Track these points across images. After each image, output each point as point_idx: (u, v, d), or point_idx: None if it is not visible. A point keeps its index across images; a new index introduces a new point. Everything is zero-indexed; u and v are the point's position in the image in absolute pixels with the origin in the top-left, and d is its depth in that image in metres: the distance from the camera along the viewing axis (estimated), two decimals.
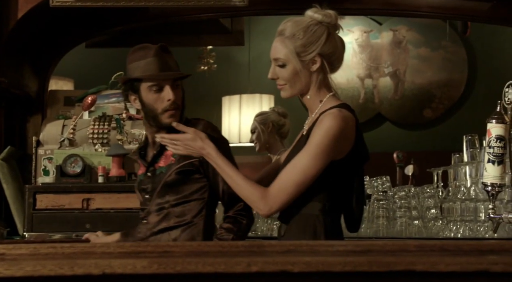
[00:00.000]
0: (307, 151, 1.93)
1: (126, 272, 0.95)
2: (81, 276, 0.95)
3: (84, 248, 1.03)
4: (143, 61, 2.28)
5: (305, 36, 2.00)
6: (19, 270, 0.95)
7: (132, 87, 2.32)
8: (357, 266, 0.91)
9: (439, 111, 7.32)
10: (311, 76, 2.02)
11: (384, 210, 2.59)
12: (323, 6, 2.10)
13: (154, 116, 2.29)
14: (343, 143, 1.95)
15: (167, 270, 0.96)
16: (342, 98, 7.77)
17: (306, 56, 2.00)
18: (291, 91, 2.04)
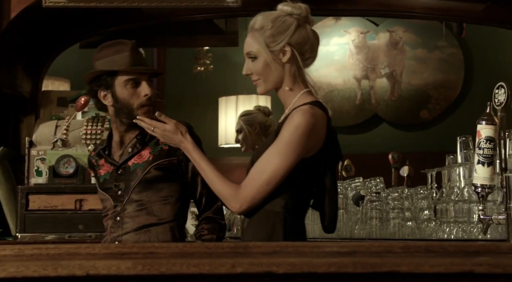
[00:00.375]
0: (276, 148, 1.91)
1: (110, 273, 0.95)
2: (65, 277, 0.95)
3: (69, 249, 1.02)
4: (118, 56, 2.27)
5: (274, 27, 2.00)
6: (2, 272, 0.94)
7: (104, 83, 2.29)
8: (342, 267, 0.91)
9: (436, 112, 7.33)
10: (283, 68, 2.00)
11: (377, 211, 2.59)
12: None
13: (128, 112, 2.27)
14: (313, 140, 1.94)
15: (152, 271, 0.95)
16: (339, 99, 7.72)
17: (275, 46, 1.99)
18: (265, 86, 2.03)
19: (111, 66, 2.26)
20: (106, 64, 2.27)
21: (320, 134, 1.96)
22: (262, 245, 1.02)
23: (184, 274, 0.95)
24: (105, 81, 2.27)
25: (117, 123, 2.31)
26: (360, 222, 2.67)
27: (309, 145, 1.93)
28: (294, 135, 1.90)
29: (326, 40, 7.56)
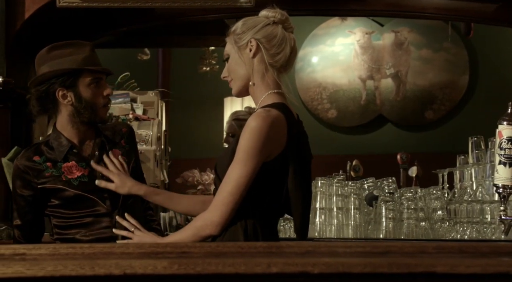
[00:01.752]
0: (236, 158, 1.91)
1: (147, 272, 0.96)
2: (102, 276, 0.96)
3: (103, 248, 1.03)
4: (80, 56, 2.26)
5: (243, 25, 2.02)
6: (40, 270, 0.95)
7: (64, 82, 2.25)
8: (377, 267, 0.92)
9: (441, 113, 7.33)
10: (251, 64, 1.98)
11: (390, 211, 2.60)
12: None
13: (92, 111, 2.27)
14: (271, 144, 1.91)
15: (188, 270, 0.96)
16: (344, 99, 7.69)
17: (242, 41, 1.98)
18: (237, 84, 2.00)
19: (75, 65, 2.25)
20: (67, 63, 2.26)
21: (279, 137, 1.92)
22: (295, 245, 1.03)
23: (220, 274, 0.96)
24: (66, 81, 2.25)
25: (76, 124, 2.29)
26: (374, 222, 2.67)
27: (267, 148, 1.91)
28: (250, 142, 1.88)
29: (331, 40, 7.57)
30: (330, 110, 7.51)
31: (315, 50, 7.50)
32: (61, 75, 2.25)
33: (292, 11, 3.41)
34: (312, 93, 7.48)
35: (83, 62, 2.25)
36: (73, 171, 2.26)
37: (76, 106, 2.25)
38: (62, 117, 2.30)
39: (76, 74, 2.25)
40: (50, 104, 2.28)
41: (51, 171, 2.26)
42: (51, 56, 2.27)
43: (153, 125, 2.90)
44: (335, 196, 2.75)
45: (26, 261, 0.99)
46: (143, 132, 2.82)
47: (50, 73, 2.25)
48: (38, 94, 2.28)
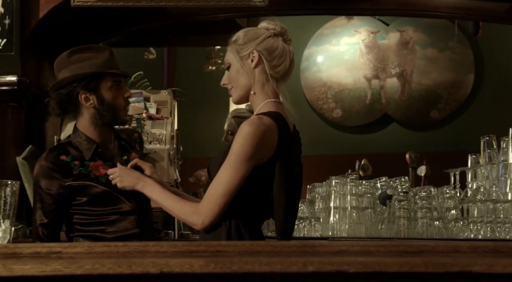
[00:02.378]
0: (228, 160, 1.98)
1: (183, 271, 0.96)
2: (139, 274, 0.96)
3: (138, 247, 1.04)
4: (100, 59, 2.32)
5: (245, 36, 2.08)
6: (78, 268, 0.96)
7: (86, 85, 2.31)
8: (414, 266, 0.92)
9: (446, 112, 7.33)
10: (253, 74, 2.05)
11: (405, 210, 2.60)
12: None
13: (114, 113, 2.33)
14: (262, 149, 1.99)
15: (224, 269, 0.97)
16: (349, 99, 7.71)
17: (244, 52, 2.06)
18: (237, 93, 2.08)
19: (97, 69, 2.31)
20: (88, 67, 2.31)
21: (269, 143, 2.00)
22: (328, 244, 1.03)
23: (256, 273, 0.96)
24: (88, 84, 2.31)
25: (98, 125, 2.35)
26: (387, 221, 2.68)
27: (259, 153, 1.99)
28: (242, 147, 1.96)
29: (336, 40, 7.57)
30: (335, 109, 7.52)
31: (320, 49, 7.51)
32: (83, 79, 2.31)
33: (304, 10, 3.44)
34: (317, 92, 7.49)
35: (104, 66, 2.31)
36: (100, 169, 2.32)
37: (98, 109, 2.32)
38: (84, 119, 2.36)
39: (98, 78, 2.31)
40: (71, 107, 2.34)
41: (79, 169, 2.31)
42: (71, 61, 2.32)
43: (166, 124, 2.91)
44: (349, 195, 2.77)
45: (62, 259, 1.00)
46: (157, 131, 2.82)
47: (72, 77, 2.31)
48: (60, 97, 2.33)
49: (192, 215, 2.00)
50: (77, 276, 0.95)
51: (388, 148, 7.27)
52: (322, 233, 2.84)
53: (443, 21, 7.23)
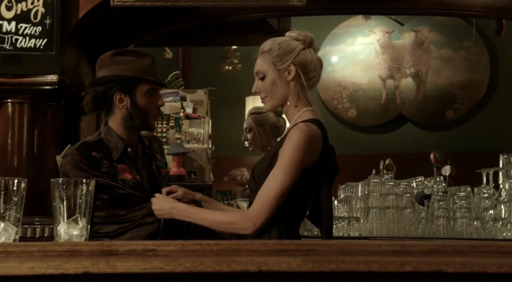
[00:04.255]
0: (280, 165, 2.03)
1: (281, 269, 0.97)
2: (238, 273, 0.97)
3: (230, 246, 1.05)
4: (141, 65, 2.36)
5: (280, 48, 2.15)
6: (179, 266, 0.97)
7: (123, 87, 2.36)
8: None
9: (461, 113, 7.33)
10: (288, 86, 2.13)
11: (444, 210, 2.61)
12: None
13: (144, 119, 2.38)
14: (309, 154, 2.06)
15: (322, 268, 0.97)
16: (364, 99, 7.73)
17: (281, 65, 2.13)
18: (272, 103, 2.15)
19: (136, 74, 2.34)
20: (129, 70, 2.35)
21: (315, 149, 2.07)
22: (420, 244, 1.04)
23: (353, 272, 0.97)
24: (125, 86, 2.36)
25: (128, 127, 2.39)
26: (425, 221, 2.69)
27: (306, 159, 2.06)
28: (295, 151, 2.03)
29: (351, 40, 7.57)
30: (350, 109, 7.52)
31: (335, 49, 7.52)
32: (121, 80, 2.36)
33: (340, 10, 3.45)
34: (332, 92, 7.49)
35: (144, 72, 2.35)
36: (126, 174, 2.36)
37: (130, 111, 2.37)
38: (116, 118, 2.40)
39: (135, 82, 2.36)
40: (105, 104, 2.39)
41: (107, 168, 2.34)
42: (114, 61, 2.37)
43: (203, 123, 2.92)
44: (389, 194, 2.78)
45: (159, 257, 1.00)
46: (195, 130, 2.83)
47: (111, 77, 2.36)
48: (96, 94, 2.38)
49: (242, 220, 2.03)
50: (176, 273, 0.96)
51: (403, 148, 7.27)
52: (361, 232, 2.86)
53: (459, 21, 7.22)
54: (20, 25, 2.82)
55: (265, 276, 0.96)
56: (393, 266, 0.96)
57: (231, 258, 0.98)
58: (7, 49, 2.79)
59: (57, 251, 1.00)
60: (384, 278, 0.97)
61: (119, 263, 0.96)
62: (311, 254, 1.02)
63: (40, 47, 2.79)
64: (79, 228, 1.31)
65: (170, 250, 1.02)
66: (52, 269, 0.94)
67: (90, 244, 1.03)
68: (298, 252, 1.03)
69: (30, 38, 2.78)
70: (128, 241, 1.03)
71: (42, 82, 2.82)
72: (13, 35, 2.80)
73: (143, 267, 0.96)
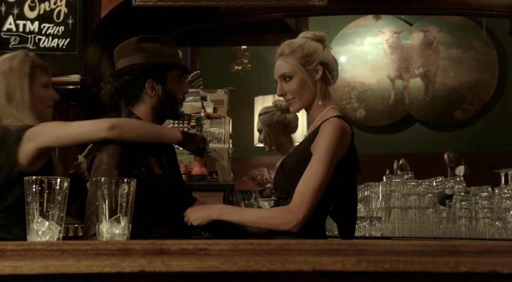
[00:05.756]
0: (317, 158, 2.04)
1: (336, 269, 0.97)
2: (292, 272, 0.97)
3: (280, 245, 1.05)
4: (169, 51, 2.27)
5: (304, 49, 2.16)
6: (233, 265, 0.97)
7: (155, 74, 2.23)
8: None
9: (470, 113, 7.32)
10: (315, 86, 2.16)
11: (466, 210, 2.61)
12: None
13: (173, 107, 2.27)
14: (341, 150, 2.07)
15: (376, 268, 0.98)
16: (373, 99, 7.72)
17: (309, 65, 2.15)
18: (300, 103, 2.17)
19: (168, 60, 2.25)
20: (160, 57, 2.24)
21: (345, 144, 2.08)
22: (471, 244, 1.04)
23: (408, 272, 0.97)
24: (158, 73, 2.23)
25: (158, 116, 2.27)
26: (447, 221, 2.69)
27: (340, 151, 2.07)
28: (332, 145, 2.03)
29: (360, 40, 7.57)
30: (359, 109, 7.52)
31: (343, 49, 7.51)
32: (154, 67, 2.23)
33: (358, 10, 3.45)
34: (341, 92, 7.49)
35: (172, 58, 2.27)
36: (157, 168, 2.23)
37: (162, 100, 2.24)
38: (144, 107, 2.25)
39: (167, 69, 2.25)
40: (133, 93, 2.24)
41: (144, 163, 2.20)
42: (141, 48, 2.25)
43: (225, 123, 2.92)
44: (410, 195, 2.78)
45: (212, 256, 1.01)
46: (216, 130, 2.83)
47: (144, 64, 2.23)
48: (124, 83, 2.23)
49: (285, 214, 2.01)
50: (231, 273, 0.97)
51: (411, 148, 7.27)
52: (383, 232, 2.86)
53: (467, 21, 7.22)
54: (43, 25, 2.82)
55: (319, 275, 0.97)
56: (448, 267, 0.97)
57: (284, 257, 0.98)
58: (30, 49, 2.79)
59: (110, 249, 1.00)
60: (438, 278, 0.97)
61: (174, 262, 0.96)
62: (363, 254, 1.02)
63: (62, 47, 2.79)
64: (121, 227, 1.31)
65: (221, 249, 1.02)
66: (108, 268, 0.94)
67: (141, 242, 1.03)
68: (350, 252, 1.03)
69: (53, 38, 2.78)
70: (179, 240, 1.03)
71: (65, 82, 2.82)
72: (36, 35, 2.80)
73: (198, 266, 0.96)
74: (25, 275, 0.90)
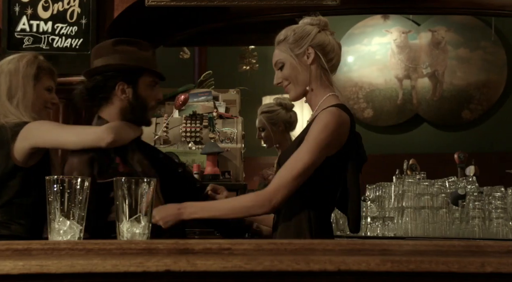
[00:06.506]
0: (304, 145, 2.00)
1: (360, 269, 0.97)
2: (317, 272, 0.97)
3: (304, 245, 1.05)
4: (144, 55, 2.25)
5: (296, 34, 2.11)
6: (258, 265, 0.97)
7: (127, 77, 2.23)
8: None
9: (478, 113, 7.30)
10: (309, 70, 2.09)
11: (479, 210, 2.60)
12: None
13: (143, 111, 2.26)
14: (336, 139, 2.02)
15: (401, 268, 0.97)
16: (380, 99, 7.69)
17: (299, 49, 2.09)
18: (296, 90, 2.11)
19: (142, 64, 2.23)
20: (133, 60, 2.23)
21: (343, 135, 2.03)
22: (495, 245, 1.04)
23: (433, 272, 0.97)
24: (129, 76, 2.23)
25: (125, 118, 2.24)
26: (460, 221, 2.68)
27: (333, 143, 2.02)
28: (322, 134, 1.99)
29: (367, 39, 7.56)
30: (366, 109, 7.51)
31: (351, 49, 7.50)
32: (125, 70, 2.23)
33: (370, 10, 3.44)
34: (348, 92, 7.48)
35: (147, 63, 2.24)
36: (121, 167, 2.22)
37: (131, 103, 2.23)
38: (112, 110, 2.25)
39: (139, 73, 2.24)
40: (102, 94, 2.24)
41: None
42: (115, 50, 2.24)
43: (237, 123, 2.93)
44: (423, 195, 2.77)
45: (237, 256, 1.01)
46: (228, 130, 2.83)
47: (116, 66, 2.23)
48: (95, 83, 2.23)
49: (257, 199, 1.98)
50: (257, 272, 0.97)
51: (419, 148, 7.25)
52: (396, 232, 2.85)
53: (475, 21, 7.20)
54: (57, 25, 2.83)
55: (344, 275, 0.96)
56: (474, 267, 0.96)
57: (309, 257, 0.98)
58: (43, 49, 2.80)
59: (134, 249, 1.01)
60: (464, 278, 0.96)
61: (199, 262, 0.96)
62: (387, 254, 1.02)
63: (76, 47, 2.80)
64: (141, 226, 1.31)
65: (245, 249, 1.02)
66: (134, 267, 0.94)
67: (165, 242, 1.04)
68: (374, 252, 1.03)
69: (66, 38, 2.79)
70: (203, 240, 1.03)
71: (78, 82, 2.82)
72: (50, 35, 2.81)
73: (224, 265, 0.96)
74: (52, 274, 0.90)
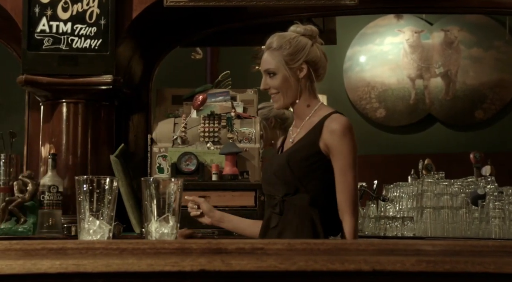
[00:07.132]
0: (348, 167, 2.07)
1: (395, 269, 0.97)
2: (352, 272, 0.97)
3: (337, 245, 1.04)
4: None
5: (291, 47, 2.16)
6: (292, 265, 0.97)
7: None
8: None
9: (491, 113, 7.26)
10: (299, 84, 2.15)
11: (499, 211, 2.59)
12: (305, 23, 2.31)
13: None
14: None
15: (436, 268, 0.97)
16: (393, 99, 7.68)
17: (294, 64, 2.15)
18: (284, 100, 2.16)
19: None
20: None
21: None
22: None
23: (469, 273, 0.97)
24: None
25: None
26: (479, 221, 2.67)
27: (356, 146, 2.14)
28: (352, 146, 2.08)
29: (380, 39, 7.54)
30: (379, 109, 7.49)
31: (363, 49, 7.48)
32: None
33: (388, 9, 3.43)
34: (361, 92, 7.46)
35: None
36: None
37: None
38: None
39: None
40: None
41: None
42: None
43: (255, 123, 2.93)
44: (443, 195, 2.77)
45: (270, 256, 1.01)
46: (246, 130, 2.84)
47: None
48: None
49: (352, 229, 2.07)
50: (291, 272, 0.97)
51: (432, 148, 7.23)
52: (415, 232, 2.85)
53: (489, 20, 7.16)
54: (76, 26, 2.84)
55: (379, 275, 0.96)
56: (510, 267, 0.96)
57: (343, 257, 0.98)
58: (63, 49, 2.82)
59: (168, 248, 1.01)
60: (501, 279, 0.96)
61: (234, 261, 0.96)
62: (421, 254, 1.01)
63: (95, 47, 2.81)
64: (169, 226, 1.32)
65: (278, 249, 1.02)
66: (169, 266, 0.94)
67: (198, 242, 1.04)
68: (408, 252, 1.02)
69: (85, 39, 2.80)
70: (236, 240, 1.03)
71: (97, 82, 2.84)
72: (69, 36, 2.83)
73: (258, 265, 0.96)
74: (89, 273, 0.91)
